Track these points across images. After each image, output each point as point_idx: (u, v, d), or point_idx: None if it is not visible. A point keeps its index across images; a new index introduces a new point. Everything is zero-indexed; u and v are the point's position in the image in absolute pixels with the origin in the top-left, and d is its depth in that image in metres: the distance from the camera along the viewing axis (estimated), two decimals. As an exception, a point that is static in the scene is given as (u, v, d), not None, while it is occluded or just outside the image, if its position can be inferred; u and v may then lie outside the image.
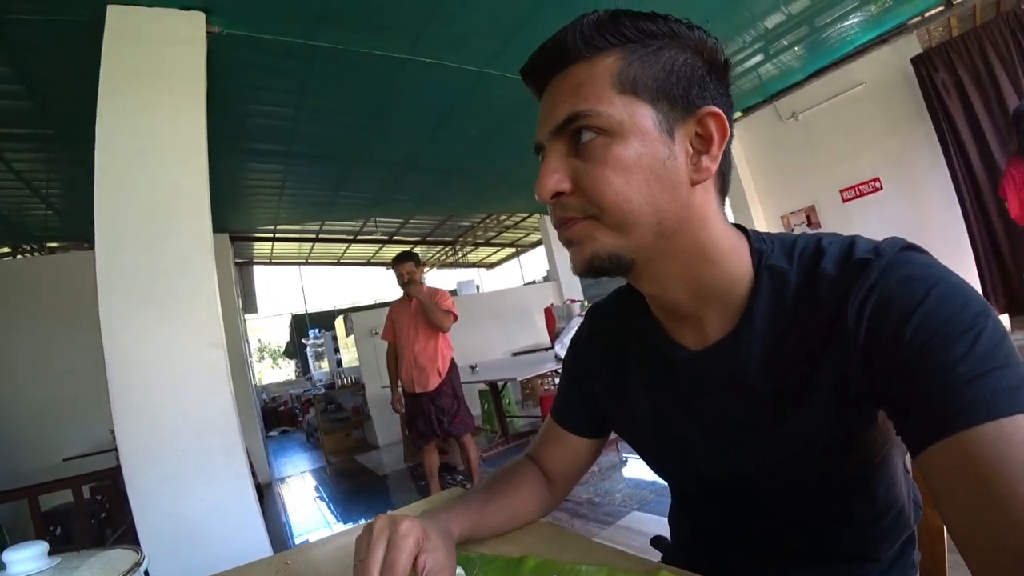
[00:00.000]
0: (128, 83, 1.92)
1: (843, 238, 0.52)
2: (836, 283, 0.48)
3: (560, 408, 0.78)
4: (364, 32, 2.83)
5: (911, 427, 0.42)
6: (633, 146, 0.49)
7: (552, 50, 0.52)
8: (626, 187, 0.49)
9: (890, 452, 0.56)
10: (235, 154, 4.05)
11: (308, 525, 3.95)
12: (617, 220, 0.50)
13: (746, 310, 0.54)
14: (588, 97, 0.49)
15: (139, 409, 1.74)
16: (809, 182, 5.35)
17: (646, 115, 0.50)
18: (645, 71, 0.50)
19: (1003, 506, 0.34)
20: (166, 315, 1.83)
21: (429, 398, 3.32)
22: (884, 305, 0.44)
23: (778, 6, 3.67)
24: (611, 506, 2.88)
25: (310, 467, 6.27)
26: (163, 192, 1.91)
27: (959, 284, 0.43)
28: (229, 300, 5.44)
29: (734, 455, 0.58)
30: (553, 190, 0.52)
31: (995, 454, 0.35)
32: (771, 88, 5.22)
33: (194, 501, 1.78)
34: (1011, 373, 0.38)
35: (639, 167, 0.49)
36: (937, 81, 4.34)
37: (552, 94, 0.53)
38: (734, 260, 0.54)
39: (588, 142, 0.50)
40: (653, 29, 0.50)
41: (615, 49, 0.50)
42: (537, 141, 0.55)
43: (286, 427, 10.35)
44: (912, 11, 4.25)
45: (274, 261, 10.46)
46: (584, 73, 0.50)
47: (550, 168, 0.52)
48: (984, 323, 0.40)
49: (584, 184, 0.51)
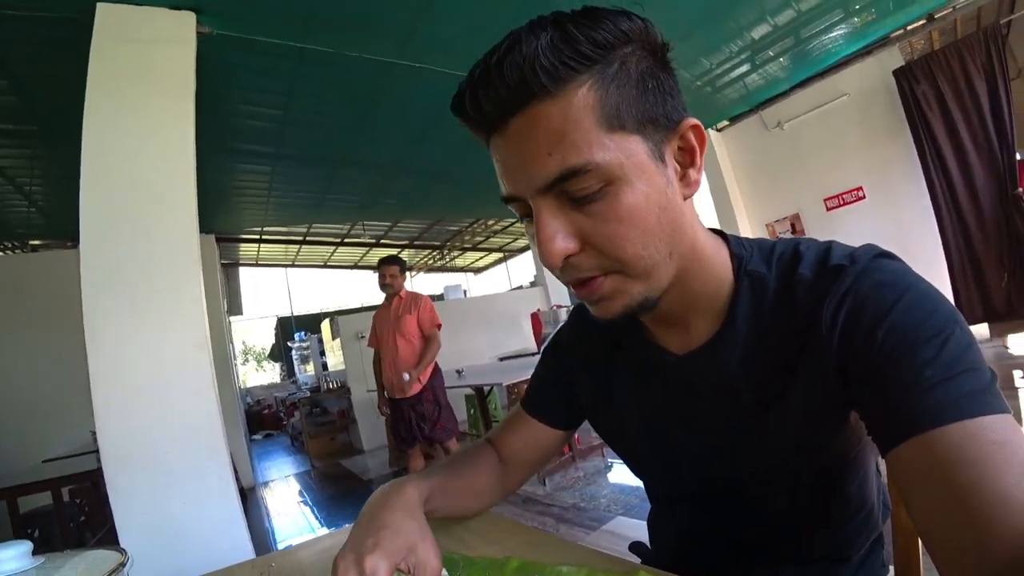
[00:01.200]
0: (116, 82, 1.91)
1: (819, 244, 0.53)
2: (812, 288, 0.49)
3: (534, 398, 0.78)
4: (353, 35, 2.83)
5: (881, 427, 0.43)
6: (639, 189, 0.46)
7: (505, 87, 0.43)
8: (643, 235, 0.46)
9: (862, 452, 0.58)
10: (223, 155, 4.02)
11: (291, 529, 3.91)
12: (641, 269, 0.48)
13: (728, 314, 0.55)
14: (578, 146, 0.44)
15: (121, 410, 1.72)
16: (794, 190, 5.43)
17: (640, 149, 0.46)
18: (624, 97, 0.45)
19: (967, 504, 0.35)
20: (151, 315, 1.81)
21: (409, 404, 3.31)
22: (857, 310, 0.45)
23: (764, 17, 3.73)
24: (596, 511, 2.89)
25: (294, 471, 6.20)
26: (150, 192, 1.89)
27: (929, 291, 0.45)
28: (214, 302, 5.38)
29: (723, 458, 0.58)
30: (564, 255, 0.47)
31: (960, 454, 0.36)
32: (757, 98, 5.29)
33: (176, 504, 1.76)
34: (977, 377, 0.39)
35: (649, 209, 0.46)
36: (918, 93, 4.45)
37: (520, 140, 0.46)
38: (717, 265, 0.55)
39: (590, 195, 0.45)
40: (607, 39, 0.44)
41: (582, 76, 0.44)
42: (511, 195, 0.49)
43: (270, 431, 10.25)
44: (895, 24, 4.35)
45: (260, 263, 10.37)
46: (558, 114, 0.43)
47: (551, 230, 0.46)
48: (952, 329, 0.42)
49: (598, 243, 0.47)
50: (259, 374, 18.79)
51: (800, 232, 5.37)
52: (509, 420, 0.80)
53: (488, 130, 0.48)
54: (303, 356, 11.77)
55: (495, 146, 0.49)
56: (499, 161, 0.49)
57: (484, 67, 0.44)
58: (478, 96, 0.45)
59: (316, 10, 2.55)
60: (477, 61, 0.46)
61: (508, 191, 0.49)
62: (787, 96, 5.29)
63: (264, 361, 18.53)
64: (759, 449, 0.55)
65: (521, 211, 0.51)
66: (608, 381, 0.68)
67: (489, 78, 0.44)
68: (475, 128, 0.49)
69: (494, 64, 0.43)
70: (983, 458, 0.35)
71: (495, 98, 0.44)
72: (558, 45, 0.43)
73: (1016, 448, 0.36)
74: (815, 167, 5.26)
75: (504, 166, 0.49)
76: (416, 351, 3.36)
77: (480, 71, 0.45)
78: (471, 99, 0.46)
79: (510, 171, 0.48)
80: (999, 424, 0.37)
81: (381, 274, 3.39)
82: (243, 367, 18.34)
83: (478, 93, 0.45)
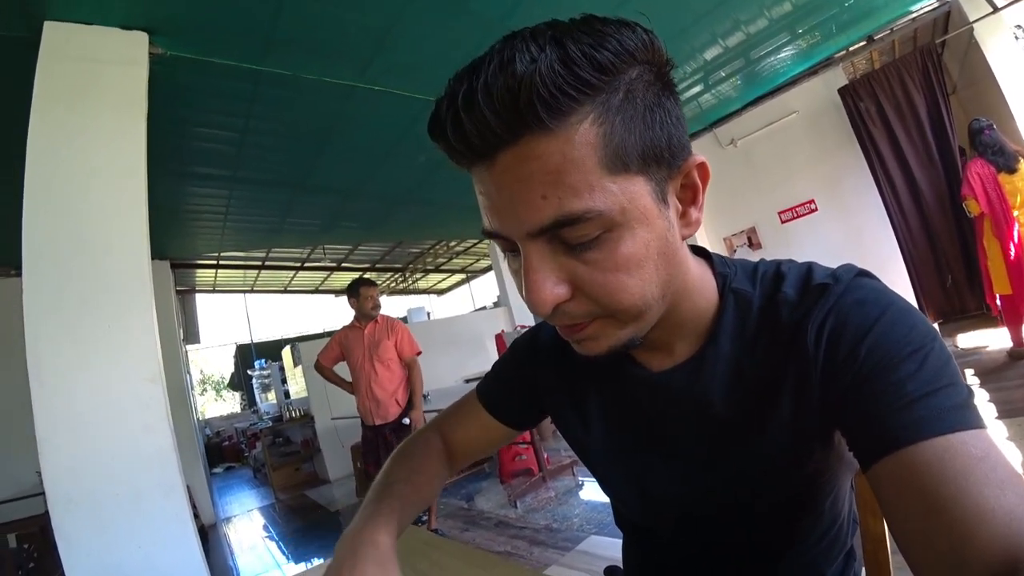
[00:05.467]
0: (63, 102, 1.82)
1: (800, 264, 0.54)
2: (796, 307, 0.50)
3: (491, 393, 0.77)
4: (312, 58, 2.80)
5: (862, 441, 0.43)
6: (640, 236, 0.42)
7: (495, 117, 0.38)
8: (641, 284, 0.44)
9: (838, 471, 0.57)
10: (177, 178, 3.90)
11: (257, 567, 3.74)
12: (633, 315, 0.46)
13: (711, 331, 0.54)
14: (577, 189, 0.39)
15: (68, 449, 1.61)
16: (749, 205, 5.61)
17: (643, 191, 0.42)
18: (628, 133, 0.40)
19: (947, 516, 0.35)
20: (99, 347, 1.72)
21: (391, 428, 3.23)
22: (840, 327, 0.46)
23: (716, 40, 3.88)
24: (569, 531, 2.86)
25: (258, 504, 5.96)
26: (98, 217, 1.81)
27: (908, 308, 0.46)
28: (169, 330, 5.17)
29: (700, 475, 0.58)
30: (554, 303, 0.43)
31: (941, 468, 0.37)
32: (710, 116, 5.48)
33: (130, 548, 1.65)
34: (956, 392, 0.40)
35: (648, 257, 0.43)
36: (862, 109, 4.71)
37: (511, 178, 0.40)
38: (704, 290, 0.54)
39: (586, 243, 0.41)
40: (612, 62, 0.39)
41: (584, 108, 0.38)
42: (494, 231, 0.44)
43: (231, 463, 9.85)
44: (837, 46, 4.59)
45: (218, 289, 10.04)
46: (556, 152, 0.38)
47: (541, 277, 0.42)
48: (932, 345, 0.42)
49: (592, 292, 0.43)
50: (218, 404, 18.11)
51: (757, 245, 5.54)
52: (460, 408, 0.79)
53: (471, 161, 0.42)
54: (264, 384, 11.39)
55: (479, 177, 0.43)
56: (483, 194, 0.43)
57: (469, 88, 0.38)
58: (462, 122, 0.39)
59: (274, 32, 2.51)
60: (458, 75, 0.40)
61: (491, 227, 0.44)
62: (739, 114, 5.49)
63: (223, 391, 17.88)
64: (739, 468, 0.55)
65: (505, 247, 0.46)
66: (584, 398, 0.66)
67: (474, 103, 0.38)
68: (456, 157, 0.43)
69: (481, 87, 0.37)
70: (963, 472, 0.36)
71: (482, 127, 0.38)
72: (557, 71, 0.37)
73: (994, 463, 0.36)
74: (768, 182, 5.46)
75: (490, 200, 0.43)
76: (396, 378, 3.31)
77: (465, 92, 0.38)
78: (453, 125, 0.40)
79: (497, 209, 0.43)
80: (978, 439, 0.38)
81: (366, 297, 3.30)
82: (201, 397, 17.67)
83: (461, 118, 0.39)
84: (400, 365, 3.33)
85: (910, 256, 4.69)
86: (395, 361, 3.31)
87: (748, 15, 3.65)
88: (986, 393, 3.01)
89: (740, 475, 0.55)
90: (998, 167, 3.39)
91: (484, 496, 4.05)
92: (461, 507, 3.89)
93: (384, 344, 3.29)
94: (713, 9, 3.42)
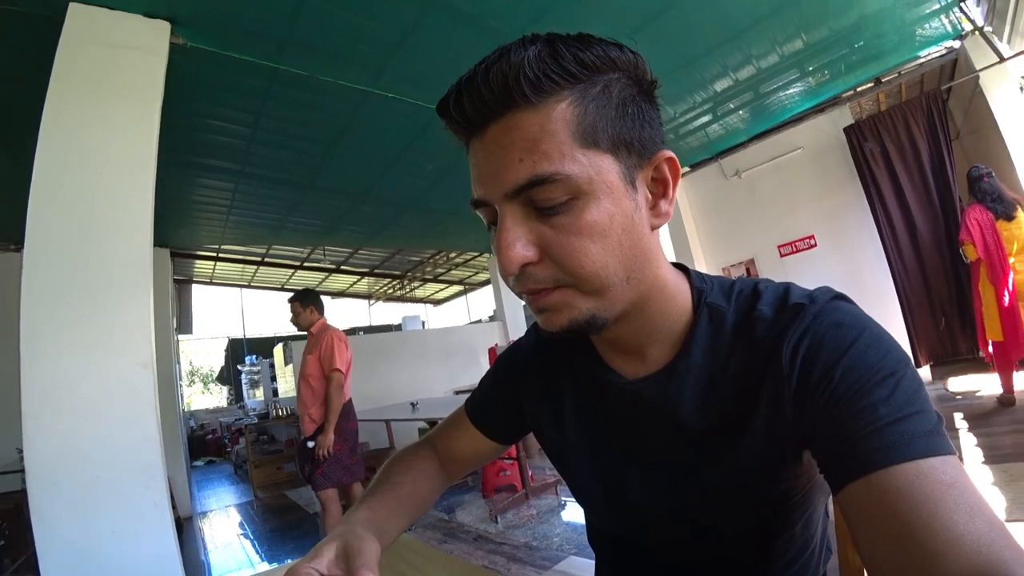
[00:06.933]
0: (81, 84, 1.85)
1: (778, 284, 0.55)
2: (771, 325, 0.50)
3: (477, 407, 0.78)
4: (327, 61, 2.84)
5: (834, 464, 0.43)
6: (605, 207, 0.46)
7: (489, 93, 0.45)
8: (603, 253, 0.47)
9: (811, 492, 0.57)
10: (185, 168, 3.92)
11: (229, 565, 3.68)
12: (595, 286, 0.48)
13: (685, 343, 0.55)
14: (550, 155, 0.45)
15: (53, 427, 1.60)
16: (749, 237, 5.66)
17: (611, 169, 0.47)
18: (602, 116, 0.46)
19: (918, 541, 0.36)
20: (94, 328, 1.72)
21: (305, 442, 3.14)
22: (816, 349, 0.47)
23: (727, 72, 3.95)
24: (549, 550, 2.83)
25: (236, 501, 5.88)
26: (104, 200, 1.82)
27: (882, 334, 0.47)
28: (163, 318, 5.15)
29: (666, 490, 0.58)
30: (521, 263, 0.47)
31: (912, 493, 0.37)
32: (717, 147, 5.55)
33: (105, 532, 1.64)
34: (926, 419, 0.41)
35: (612, 228, 0.47)
36: (866, 149, 4.78)
37: (496, 146, 0.47)
38: (678, 297, 0.55)
39: (555, 207, 0.46)
40: (595, 62, 0.46)
41: (564, 92, 0.45)
42: (479, 198, 0.50)
43: (213, 457, 9.74)
44: (846, 85, 4.69)
45: (215, 282, 10.02)
46: (535, 124, 0.45)
47: (512, 236, 0.47)
48: (905, 371, 0.43)
49: (556, 254, 0.47)
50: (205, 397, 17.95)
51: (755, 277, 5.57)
52: (451, 422, 0.81)
53: (468, 134, 0.49)
54: (253, 381, 11.32)
55: (473, 149, 0.49)
56: (474, 165, 0.50)
57: (472, 73, 0.46)
58: (462, 100, 0.46)
59: (292, 32, 2.55)
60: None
61: (477, 194, 0.50)
62: (745, 147, 5.57)
63: (211, 384, 17.72)
64: (711, 482, 0.55)
65: (488, 217, 0.51)
66: (560, 403, 0.67)
67: (475, 84, 0.45)
68: (456, 130, 0.50)
69: (481, 71, 0.45)
70: (934, 498, 0.36)
71: (478, 103, 0.46)
72: (545, 59, 0.44)
73: (963, 489, 0.37)
74: (770, 215, 5.51)
75: (478, 169, 0.49)
76: (316, 394, 3.13)
77: (468, 77, 0.46)
78: (455, 102, 0.47)
79: (482, 174, 0.49)
80: (947, 465, 0.38)
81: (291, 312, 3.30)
82: (188, 389, 17.52)
83: (463, 97, 0.46)
84: (321, 381, 3.13)
85: (905, 297, 4.73)
86: (315, 377, 3.14)
87: (760, 49, 3.72)
88: (974, 438, 3.01)
89: (711, 490, 0.55)
90: (996, 214, 3.44)
91: (465, 509, 4.02)
92: (441, 518, 3.85)
93: (308, 359, 3.20)
94: (726, 41, 3.48)
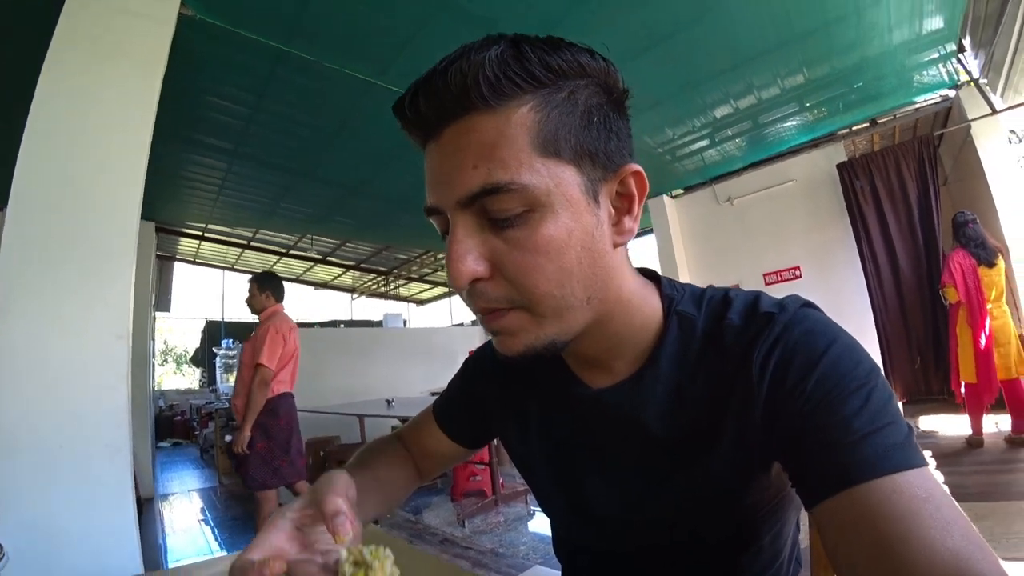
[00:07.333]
0: (83, 47, 1.80)
1: (748, 292, 0.54)
2: (741, 333, 0.49)
3: (444, 409, 0.77)
4: (335, 49, 2.83)
5: (809, 479, 0.43)
6: (563, 221, 0.43)
7: (446, 92, 0.42)
8: (559, 272, 0.44)
9: (780, 505, 0.56)
10: (179, 142, 3.87)
11: (187, 550, 3.60)
12: (552, 308, 0.45)
13: (652, 352, 0.54)
14: (506, 162, 0.42)
15: (18, 391, 1.55)
16: (736, 262, 5.73)
17: (572, 180, 0.44)
18: (564, 124, 0.43)
19: (895, 556, 0.35)
20: (73, 293, 1.67)
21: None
22: (787, 359, 0.46)
23: (728, 99, 4.01)
24: (515, 558, 2.82)
25: (199, 486, 5.77)
26: (96, 166, 1.78)
27: (852, 343, 0.46)
28: (143, 292, 5.06)
29: (630, 499, 0.57)
30: (471, 278, 0.44)
31: (889, 508, 0.37)
32: (712, 172, 5.63)
33: (65, 505, 1.59)
34: (898, 430, 0.41)
35: (571, 245, 0.44)
36: (857, 187, 4.89)
37: (451, 149, 0.44)
38: (645, 309, 0.53)
39: (509, 219, 0.43)
40: (562, 66, 0.43)
41: (526, 96, 0.42)
42: (431, 205, 0.47)
43: (180, 439, 9.58)
44: (842, 123, 4.79)
45: (199, 261, 9.89)
46: (493, 128, 0.42)
47: (462, 249, 0.44)
48: (876, 380, 0.43)
49: (510, 272, 0.44)
50: (177, 377, 17.61)
51: (739, 302, 5.65)
52: (420, 420, 0.79)
53: (424, 136, 0.46)
54: (228, 365, 11.08)
55: (428, 153, 0.47)
56: (428, 169, 0.47)
57: (431, 71, 0.43)
58: (418, 99, 0.44)
59: (304, 17, 2.54)
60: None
61: (430, 201, 0.47)
62: (740, 174, 5.66)
63: (185, 364, 17.39)
64: (678, 493, 0.54)
65: (441, 226, 0.48)
66: (525, 413, 0.66)
67: (433, 83, 0.43)
68: (411, 131, 0.47)
69: (440, 69, 0.42)
70: (910, 512, 0.36)
71: (435, 103, 0.43)
72: (507, 60, 0.42)
73: (938, 503, 0.37)
74: (759, 243, 5.59)
75: (431, 174, 0.46)
76: (245, 385, 2.94)
77: (426, 74, 0.43)
78: (411, 102, 0.45)
79: (435, 180, 0.46)
80: (921, 478, 0.39)
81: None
82: (161, 368, 17.20)
83: (419, 96, 0.44)
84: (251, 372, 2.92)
85: (884, 334, 4.82)
86: (247, 366, 2.97)
87: (762, 80, 3.79)
88: (941, 476, 3.05)
89: (678, 500, 0.54)
90: (979, 260, 3.54)
91: (433, 511, 3.99)
92: (408, 519, 3.82)
93: (246, 347, 3.08)
94: (730, 69, 3.54)
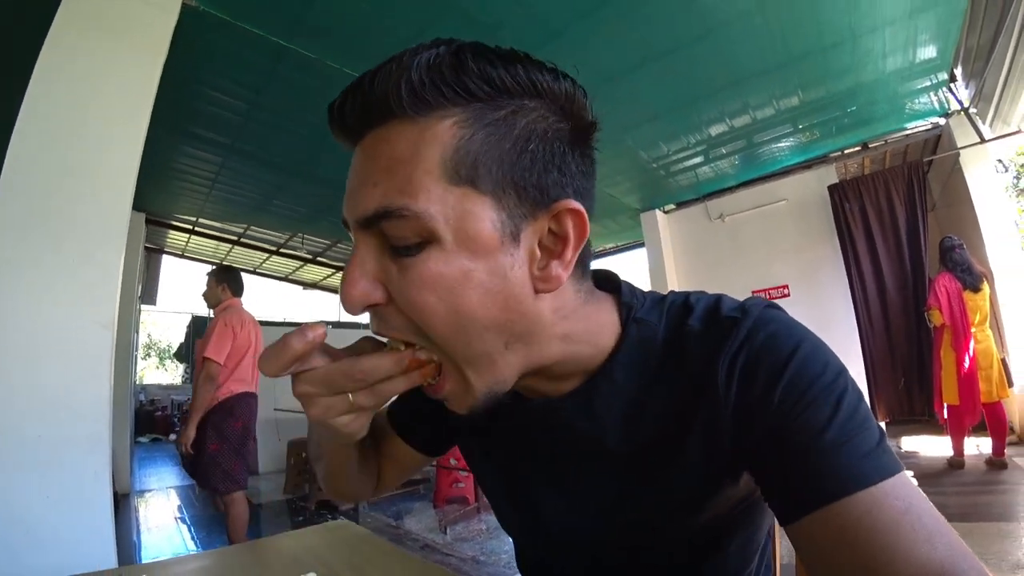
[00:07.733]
0: (84, 31, 1.79)
1: (710, 296, 0.52)
2: (703, 339, 0.47)
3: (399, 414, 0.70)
4: (338, 48, 2.83)
5: (782, 496, 0.41)
6: (458, 262, 0.38)
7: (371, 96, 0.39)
8: (455, 315, 0.39)
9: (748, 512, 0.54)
10: (174, 134, 3.84)
11: (163, 548, 3.54)
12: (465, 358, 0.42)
13: (604, 363, 0.50)
14: (406, 183, 0.38)
15: (2, 378, 1.52)
16: (726, 279, 5.77)
17: (483, 216, 0.39)
18: (490, 148, 0.39)
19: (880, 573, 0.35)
20: (59, 277, 1.64)
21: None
22: (753, 365, 0.44)
23: (724, 118, 4.06)
24: (496, 567, 2.80)
25: (177, 483, 5.68)
26: (90, 152, 1.76)
27: (817, 343, 0.45)
28: (130, 283, 4.99)
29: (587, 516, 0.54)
30: (364, 303, 0.41)
31: (870, 523, 0.36)
32: (705, 188, 5.69)
33: (39, 498, 1.54)
34: (870, 435, 0.39)
35: (468, 289, 0.39)
36: (847, 209, 4.96)
37: (363, 158, 0.41)
38: (598, 336, 0.49)
39: (409, 247, 0.39)
40: (506, 81, 0.39)
41: (453, 109, 0.38)
42: (344, 218, 0.43)
43: (159, 435, 9.42)
44: (834, 146, 4.89)
45: (187, 255, 9.78)
46: (408, 140, 0.38)
47: (358, 273, 0.40)
48: (844, 383, 0.42)
49: (401, 304, 0.40)
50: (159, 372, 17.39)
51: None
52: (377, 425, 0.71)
53: (350, 142, 0.43)
54: (212, 361, 11.00)
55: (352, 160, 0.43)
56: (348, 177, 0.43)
57: (366, 72, 0.40)
58: (345, 102, 0.41)
59: (308, 14, 2.55)
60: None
61: (343, 213, 0.43)
62: (732, 192, 5.72)
63: (168, 359, 17.18)
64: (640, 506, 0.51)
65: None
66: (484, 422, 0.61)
67: (362, 84, 0.39)
68: (338, 136, 0.43)
69: (373, 70, 0.39)
70: (891, 526, 0.35)
71: (358, 106, 0.40)
72: (440, 67, 0.38)
73: (919, 512, 0.36)
74: (748, 260, 5.65)
75: (347, 183, 0.42)
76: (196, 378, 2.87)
77: (361, 76, 0.40)
78: (339, 104, 0.41)
79: (348, 191, 0.42)
80: (900, 487, 0.37)
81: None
82: (143, 361, 16.99)
83: (347, 99, 0.41)
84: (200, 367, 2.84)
85: (869, 354, 4.88)
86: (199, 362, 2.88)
87: (758, 100, 3.84)
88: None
89: (640, 515, 0.51)
90: (964, 284, 3.61)
91: (414, 517, 3.95)
92: (389, 524, 3.78)
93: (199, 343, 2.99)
94: (727, 87, 3.59)
